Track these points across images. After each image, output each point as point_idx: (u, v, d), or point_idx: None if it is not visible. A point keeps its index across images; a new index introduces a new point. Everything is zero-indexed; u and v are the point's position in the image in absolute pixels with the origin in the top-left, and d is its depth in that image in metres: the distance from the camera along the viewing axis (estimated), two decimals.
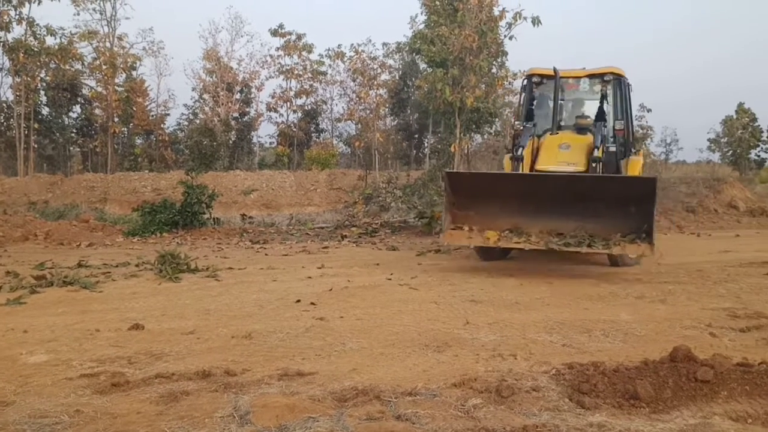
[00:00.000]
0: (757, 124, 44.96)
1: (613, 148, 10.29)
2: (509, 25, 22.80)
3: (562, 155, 9.63)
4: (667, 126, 59.19)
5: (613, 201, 8.33)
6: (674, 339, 5.08)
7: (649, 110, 39.57)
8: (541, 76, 11.01)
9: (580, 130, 10.34)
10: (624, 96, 10.76)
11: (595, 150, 9.36)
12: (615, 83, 10.71)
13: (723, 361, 3.97)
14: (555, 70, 10.29)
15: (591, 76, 10.96)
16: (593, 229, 8.52)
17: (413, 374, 4.29)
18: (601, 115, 10.61)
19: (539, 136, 10.50)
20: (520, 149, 9.54)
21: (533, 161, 9.85)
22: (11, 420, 3.42)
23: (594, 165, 9.21)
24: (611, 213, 8.38)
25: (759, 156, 45.70)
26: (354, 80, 38.57)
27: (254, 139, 41.05)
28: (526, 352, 4.84)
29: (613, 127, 10.57)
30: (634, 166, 10.51)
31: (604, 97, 10.75)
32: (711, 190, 19.97)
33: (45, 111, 35.57)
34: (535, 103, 11.11)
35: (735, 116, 45.28)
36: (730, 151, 45.29)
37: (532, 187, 9.01)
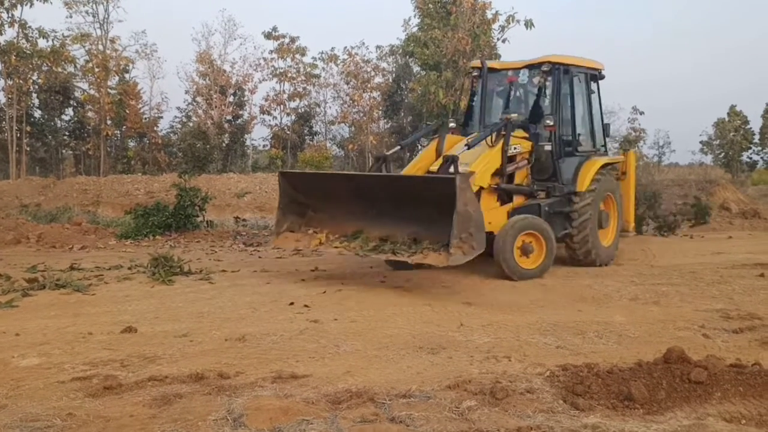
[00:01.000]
0: (749, 126, 45.21)
1: (548, 147, 9.53)
2: (502, 28, 22.95)
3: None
4: (659, 128, 59.45)
5: (443, 204, 7.04)
6: (668, 340, 5.09)
7: (641, 113, 39.73)
8: (481, 69, 10.48)
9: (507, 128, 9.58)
10: (568, 87, 9.96)
11: (465, 147, 8.85)
12: (555, 73, 9.79)
13: (716, 363, 3.98)
14: (482, 62, 9.90)
15: (530, 67, 10.15)
16: (426, 234, 7.61)
17: (407, 376, 4.29)
18: (536, 110, 9.90)
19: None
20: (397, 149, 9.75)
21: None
22: (3, 423, 3.39)
23: (448, 164, 8.09)
24: (441, 217, 7.15)
25: (751, 158, 45.94)
26: (347, 83, 38.57)
27: (247, 142, 40.99)
28: (520, 354, 4.84)
29: (544, 124, 9.65)
30: (589, 169, 9.77)
31: (541, 89, 9.98)
32: (703, 192, 20.03)
33: (37, 114, 35.43)
34: (475, 98, 10.52)
35: (727, 119, 45.49)
36: (723, 154, 45.50)
37: (351, 188, 8.54)
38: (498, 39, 23.22)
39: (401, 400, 3.75)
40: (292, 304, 6.83)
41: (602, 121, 10.99)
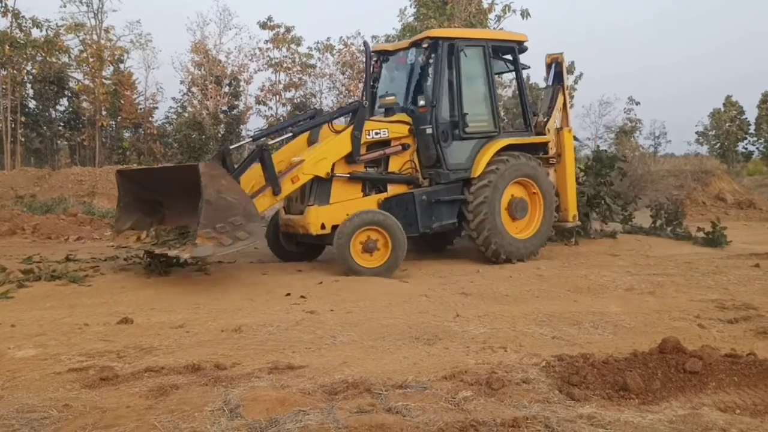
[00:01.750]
0: (744, 117, 45.21)
1: (429, 131, 8.94)
2: (498, 18, 22.84)
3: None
4: (655, 119, 59.51)
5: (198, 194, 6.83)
6: (663, 331, 5.11)
7: (637, 103, 39.71)
8: (378, 52, 10.01)
9: (388, 111, 9.29)
10: (453, 63, 9.13)
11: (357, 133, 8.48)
12: (436, 49, 9.09)
13: (711, 353, 4.00)
14: (365, 44, 9.32)
15: (416, 45, 9.52)
16: (194, 225, 7.26)
17: (404, 367, 4.29)
18: (418, 91, 9.40)
19: None
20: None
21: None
22: None
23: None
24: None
25: (746, 149, 45.98)
26: (343, 73, 38.43)
27: (243, 133, 40.88)
28: (516, 344, 4.85)
29: (418, 104, 9.14)
30: (485, 152, 9.16)
31: (424, 68, 9.39)
32: (699, 183, 20.06)
33: (32, 104, 35.22)
34: (378, 83, 10.04)
35: (723, 109, 45.50)
36: (718, 144, 45.53)
37: (175, 181, 8.01)
38: (494, 29, 23.14)
39: (397, 390, 3.76)
40: (288, 295, 6.83)
41: (524, 98, 10.14)
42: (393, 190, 8.96)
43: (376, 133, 8.80)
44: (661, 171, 23.53)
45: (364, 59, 10.83)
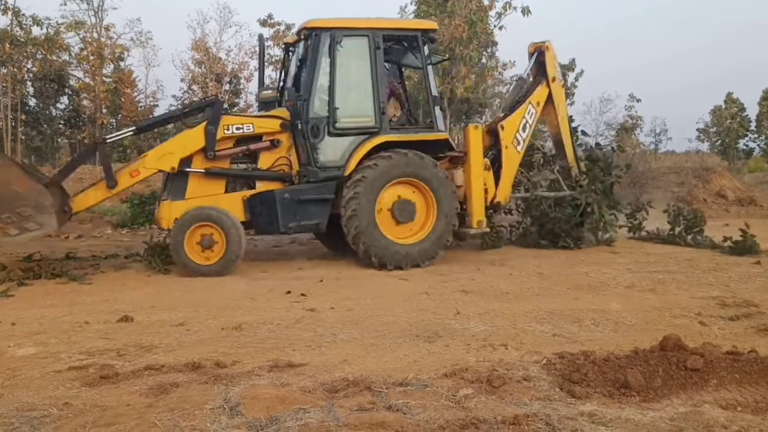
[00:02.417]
0: (745, 113, 45.15)
1: (300, 126, 8.63)
2: (499, 15, 22.75)
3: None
4: (656, 116, 59.40)
5: None
6: (664, 328, 5.10)
7: (638, 100, 39.63)
8: (288, 44, 9.62)
9: (264, 105, 9.17)
10: (329, 55, 8.64)
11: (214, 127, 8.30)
12: (312, 40, 8.73)
13: (712, 350, 3.99)
14: (260, 36, 9.08)
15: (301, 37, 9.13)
16: None
17: (404, 365, 4.29)
18: (296, 84, 9.05)
19: None
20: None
21: None
22: None
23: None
24: None
25: (747, 146, 45.93)
26: None
27: None
28: (517, 342, 4.84)
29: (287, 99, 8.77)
30: (360, 150, 8.65)
31: (303, 60, 9.05)
32: (700, 180, 20.02)
33: (32, 102, 35.20)
34: (286, 74, 9.67)
35: (723, 106, 45.44)
36: (719, 141, 45.48)
37: None
38: (495, 26, 23.09)
39: (398, 388, 3.75)
40: (288, 292, 6.83)
41: (431, 93, 9.32)
42: (262, 187, 8.66)
43: (237, 128, 8.55)
44: (662, 168, 23.49)
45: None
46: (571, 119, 11.21)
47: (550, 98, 10.51)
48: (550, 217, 10.51)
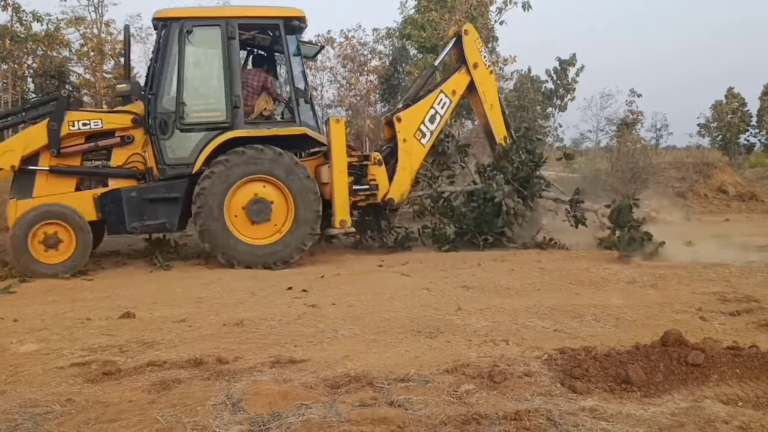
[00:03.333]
0: (746, 108, 45.08)
1: (150, 121, 8.34)
2: (500, 10, 22.74)
3: None
4: (657, 111, 59.29)
5: None
6: (665, 323, 5.10)
7: (639, 95, 39.56)
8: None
9: (123, 99, 8.76)
10: (178, 46, 8.31)
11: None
12: (168, 31, 8.39)
13: (713, 345, 3.99)
14: (125, 27, 8.65)
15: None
16: None
17: (405, 360, 4.29)
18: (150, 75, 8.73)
19: None
20: None
21: None
22: (2, 410, 3.40)
23: None
24: None
25: (748, 141, 45.85)
26: (344, 66, 38.30)
27: None
28: (518, 337, 4.85)
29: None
30: (209, 146, 8.33)
31: (155, 52, 8.79)
32: (701, 175, 20.02)
33: (33, 98, 35.18)
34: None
35: (724, 101, 45.36)
36: (720, 136, 45.41)
37: None
38: (495, 21, 23.07)
39: (400, 384, 3.75)
40: (290, 288, 6.83)
41: (294, 85, 8.95)
42: (114, 184, 8.38)
43: (84, 124, 8.22)
44: (662, 163, 23.48)
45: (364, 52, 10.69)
46: (503, 107, 10.63)
47: (473, 86, 10.04)
48: (457, 214, 10.08)
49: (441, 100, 9.80)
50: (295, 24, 8.94)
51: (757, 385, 3.63)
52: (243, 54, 9.56)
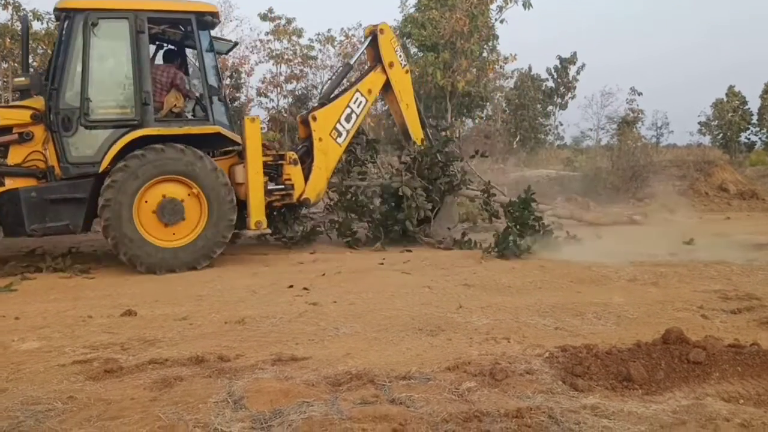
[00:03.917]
0: (747, 107, 45.05)
1: (52, 117, 7.85)
2: (500, 9, 22.74)
3: None
4: (657, 110, 59.35)
5: None
6: (666, 321, 5.11)
7: (639, 94, 39.62)
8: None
9: (23, 93, 8.30)
10: (81, 39, 7.86)
11: None
12: (72, 23, 7.92)
13: (715, 343, 4.00)
14: (23, 18, 8.03)
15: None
16: None
17: (407, 358, 4.30)
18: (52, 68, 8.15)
19: None
20: None
21: None
22: (3, 407, 3.40)
23: None
24: None
25: (749, 139, 45.82)
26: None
27: None
28: (520, 335, 4.85)
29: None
30: (116, 145, 7.86)
31: (58, 45, 8.31)
32: (702, 174, 19.99)
33: None
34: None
35: (725, 99, 45.34)
36: (721, 134, 45.40)
37: None
38: (496, 19, 23.07)
39: (401, 381, 3.76)
40: (291, 286, 6.83)
41: (208, 82, 8.56)
42: (12, 184, 7.81)
43: None
44: (663, 161, 23.47)
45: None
46: (419, 107, 10.58)
47: (389, 85, 9.96)
48: (364, 210, 9.99)
49: (357, 99, 9.67)
50: (208, 19, 8.61)
51: (759, 382, 3.63)
52: (153, 48, 9.21)
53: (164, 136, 8.08)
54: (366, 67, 10.86)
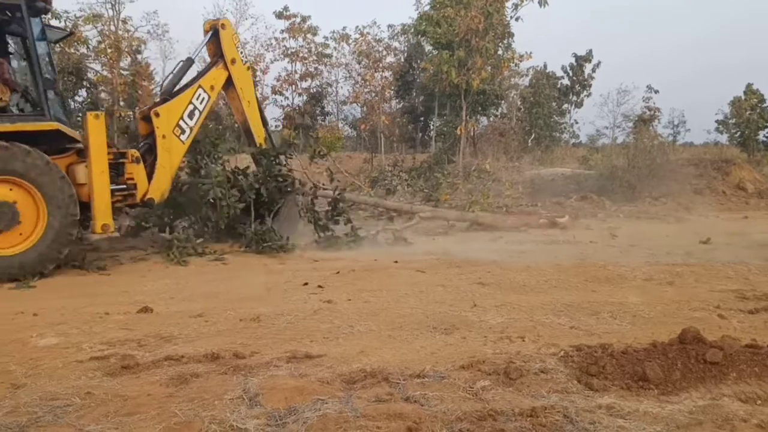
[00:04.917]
0: (765, 105, 44.50)
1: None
2: (515, 6, 22.59)
3: None
4: (674, 107, 58.79)
5: None
6: (683, 321, 5.07)
7: (656, 91, 39.27)
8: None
9: None
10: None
11: None
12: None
13: (732, 343, 3.96)
14: None
15: None
16: None
17: (421, 356, 4.30)
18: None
19: None
20: None
21: None
22: (23, 402, 3.44)
23: None
24: None
25: (767, 137, 45.30)
26: (359, 63, 38.32)
27: None
28: (534, 334, 4.84)
29: None
30: None
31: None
32: (719, 172, 19.83)
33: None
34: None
35: (743, 97, 44.82)
36: (738, 133, 44.89)
37: None
38: (511, 17, 22.95)
39: (415, 380, 3.76)
40: (305, 284, 6.86)
41: (37, 74, 7.86)
42: None
43: None
44: (680, 160, 23.28)
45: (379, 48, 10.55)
46: (260, 104, 10.43)
47: (231, 82, 9.80)
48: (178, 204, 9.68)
49: (199, 95, 9.41)
50: (39, 5, 7.88)
51: None
52: None
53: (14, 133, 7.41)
54: (207, 62, 10.49)
